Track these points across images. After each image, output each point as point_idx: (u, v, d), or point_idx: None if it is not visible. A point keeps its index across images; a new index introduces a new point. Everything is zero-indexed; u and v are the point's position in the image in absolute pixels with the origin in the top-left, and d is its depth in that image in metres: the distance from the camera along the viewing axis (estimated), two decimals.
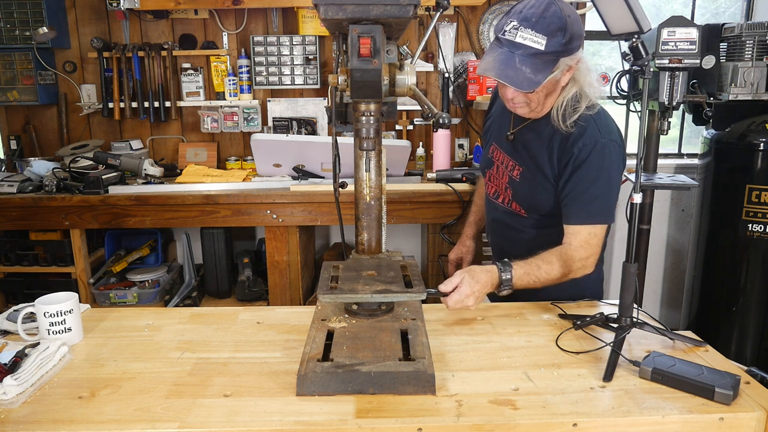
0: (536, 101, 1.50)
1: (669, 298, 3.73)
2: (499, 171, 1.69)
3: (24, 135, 3.28)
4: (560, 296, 1.56)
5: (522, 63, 1.37)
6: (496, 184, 1.71)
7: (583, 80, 1.49)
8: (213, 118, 3.26)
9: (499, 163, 1.69)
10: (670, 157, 3.64)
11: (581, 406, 1.06)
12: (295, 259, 2.79)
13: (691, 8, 3.53)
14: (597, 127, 1.48)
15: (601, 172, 1.47)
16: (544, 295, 1.56)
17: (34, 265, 2.82)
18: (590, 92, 1.51)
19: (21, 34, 3.05)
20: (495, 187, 1.72)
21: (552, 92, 1.50)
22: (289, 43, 3.15)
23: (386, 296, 1.19)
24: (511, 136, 1.64)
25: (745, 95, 2.64)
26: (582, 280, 1.63)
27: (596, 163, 1.47)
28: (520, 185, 1.62)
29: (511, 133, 1.64)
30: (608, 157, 1.48)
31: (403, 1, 1.10)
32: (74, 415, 1.03)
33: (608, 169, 1.48)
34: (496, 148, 1.71)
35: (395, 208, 2.69)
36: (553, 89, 1.49)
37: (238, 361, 1.23)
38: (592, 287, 1.67)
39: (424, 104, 1.26)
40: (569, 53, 1.41)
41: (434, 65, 3.25)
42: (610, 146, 1.48)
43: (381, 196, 1.37)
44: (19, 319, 1.27)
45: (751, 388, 1.11)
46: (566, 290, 1.57)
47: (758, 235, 2.74)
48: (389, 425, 1.00)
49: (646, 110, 1.30)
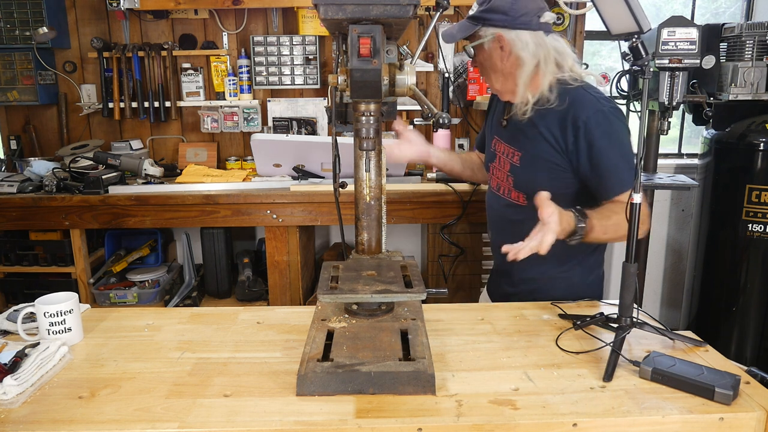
0: (493, 76, 1.62)
1: (669, 298, 3.73)
2: (501, 161, 1.70)
3: (24, 135, 3.28)
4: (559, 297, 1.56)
5: (458, 27, 1.57)
6: (498, 177, 1.73)
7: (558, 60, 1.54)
8: (213, 118, 3.26)
9: (500, 154, 1.70)
10: (670, 157, 3.64)
11: (581, 406, 1.06)
12: (295, 259, 2.79)
13: (691, 8, 3.53)
14: (594, 97, 1.51)
15: (615, 140, 1.49)
16: (542, 296, 1.57)
17: (34, 265, 2.82)
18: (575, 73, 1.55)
19: (21, 34, 3.05)
20: (497, 180, 1.73)
21: (492, 69, 1.60)
22: (289, 43, 3.15)
23: (386, 296, 1.19)
24: (505, 122, 1.68)
25: (745, 95, 2.64)
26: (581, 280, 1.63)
27: (608, 131, 1.48)
28: (520, 170, 1.63)
29: (505, 120, 1.67)
30: (616, 122, 1.50)
31: (403, 1, 1.10)
32: (74, 415, 1.03)
33: (620, 133, 1.50)
34: (498, 140, 1.72)
35: (395, 208, 2.69)
36: (491, 65, 1.59)
37: (238, 361, 1.23)
38: (592, 288, 1.67)
39: (424, 104, 1.26)
40: (488, 23, 1.53)
41: (434, 65, 3.25)
42: (614, 112, 1.50)
43: (381, 196, 1.37)
44: (19, 319, 1.27)
45: (751, 388, 1.11)
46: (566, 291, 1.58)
47: (758, 235, 2.74)
48: (389, 425, 1.00)
49: (646, 110, 1.30)
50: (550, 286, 1.66)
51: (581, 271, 1.68)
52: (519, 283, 1.72)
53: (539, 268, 1.62)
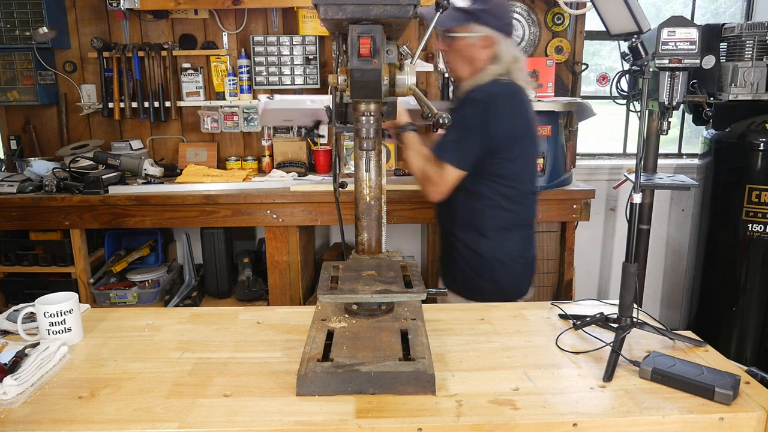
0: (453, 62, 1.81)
1: (669, 298, 3.73)
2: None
3: (24, 135, 3.28)
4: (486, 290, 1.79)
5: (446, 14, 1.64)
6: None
7: (510, 67, 1.75)
8: (213, 118, 3.26)
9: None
10: (670, 157, 3.64)
11: (581, 406, 1.06)
12: (295, 259, 2.79)
13: (691, 8, 3.53)
14: (487, 88, 1.72)
15: (466, 116, 1.71)
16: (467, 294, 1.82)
17: (34, 265, 2.82)
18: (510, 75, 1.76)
19: (21, 34, 3.05)
20: None
21: (465, 57, 1.77)
22: (289, 43, 3.15)
23: (386, 296, 1.19)
24: (453, 106, 1.87)
25: (745, 95, 2.64)
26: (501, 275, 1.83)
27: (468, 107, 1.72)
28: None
29: (451, 103, 1.91)
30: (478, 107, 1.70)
31: (403, 1, 1.10)
32: (74, 415, 1.03)
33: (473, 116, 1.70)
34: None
35: (395, 208, 2.69)
36: (467, 54, 1.76)
37: (238, 361, 1.23)
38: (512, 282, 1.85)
39: (424, 104, 1.26)
40: (482, 21, 1.72)
41: (434, 65, 3.25)
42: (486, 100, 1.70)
43: (381, 196, 1.37)
44: (19, 319, 1.27)
45: (751, 388, 1.11)
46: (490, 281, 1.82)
47: (758, 235, 2.74)
48: (389, 425, 1.00)
49: (645, 110, 1.30)
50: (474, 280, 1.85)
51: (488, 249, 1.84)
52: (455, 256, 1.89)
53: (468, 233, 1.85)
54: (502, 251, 1.81)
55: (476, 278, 1.82)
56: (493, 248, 1.80)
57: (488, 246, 1.80)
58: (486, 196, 1.78)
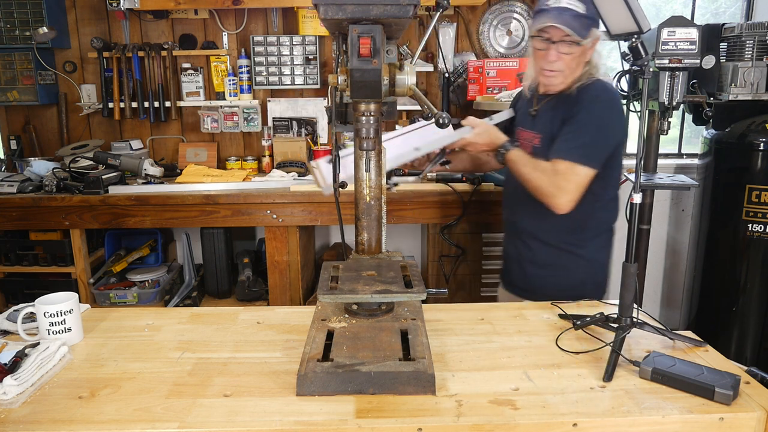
0: (570, 68, 1.70)
1: (669, 298, 3.73)
2: (523, 147, 1.82)
3: (24, 135, 3.28)
4: (562, 293, 1.60)
5: (573, 20, 1.63)
6: None
7: (597, 62, 1.75)
8: (213, 118, 3.26)
9: (523, 140, 1.85)
10: (670, 157, 3.64)
11: (581, 406, 1.06)
12: (295, 259, 2.79)
13: (691, 8, 3.53)
14: (602, 87, 1.70)
15: (592, 118, 1.66)
16: (541, 296, 1.62)
17: (34, 265, 2.82)
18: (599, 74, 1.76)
19: (21, 34, 3.05)
20: None
21: (579, 64, 1.72)
22: (289, 43, 3.15)
23: (386, 296, 1.19)
24: (534, 112, 1.82)
25: (745, 95, 2.64)
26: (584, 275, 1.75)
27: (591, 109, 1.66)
28: (540, 151, 1.76)
29: (534, 110, 1.82)
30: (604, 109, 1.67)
31: (403, 1, 1.10)
32: (74, 415, 1.03)
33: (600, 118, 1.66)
34: (522, 129, 1.88)
35: (395, 208, 2.69)
36: (581, 59, 1.71)
37: (238, 361, 1.23)
38: (593, 288, 1.73)
39: (424, 104, 1.26)
40: (596, 24, 1.67)
41: (434, 65, 3.25)
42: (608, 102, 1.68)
43: (381, 196, 1.37)
44: (19, 319, 1.27)
45: (751, 388, 1.11)
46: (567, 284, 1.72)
47: (758, 235, 2.74)
48: (389, 425, 1.00)
49: (645, 110, 1.30)
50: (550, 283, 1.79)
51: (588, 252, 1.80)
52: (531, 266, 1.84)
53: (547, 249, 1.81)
54: (603, 252, 1.82)
55: (578, 283, 1.77)
56: (594, 250, 1.80)
57: (591, 248, 1.79)
58: (592, 199, 1.72)
